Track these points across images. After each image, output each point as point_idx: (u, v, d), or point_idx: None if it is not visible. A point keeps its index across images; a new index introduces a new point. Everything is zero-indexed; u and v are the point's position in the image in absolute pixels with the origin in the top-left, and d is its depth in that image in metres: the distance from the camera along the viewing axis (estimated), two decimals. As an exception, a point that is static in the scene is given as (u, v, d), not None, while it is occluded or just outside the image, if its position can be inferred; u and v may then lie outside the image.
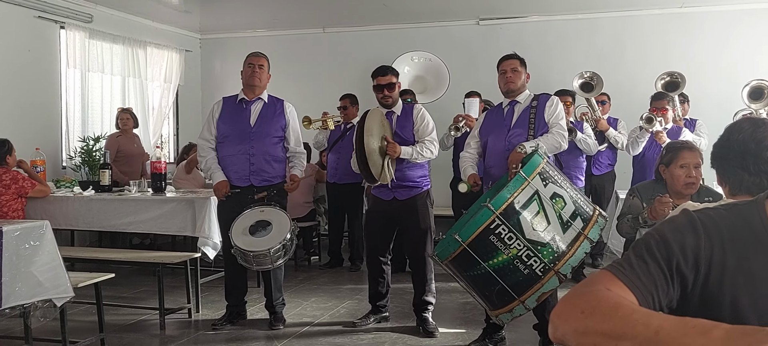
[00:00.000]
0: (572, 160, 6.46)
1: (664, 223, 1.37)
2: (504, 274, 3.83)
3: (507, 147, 4.52)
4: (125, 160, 7.80)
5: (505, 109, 4.72)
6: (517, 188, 3.80)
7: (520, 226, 3.77)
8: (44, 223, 4.18)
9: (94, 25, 8.40)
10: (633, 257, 1.31)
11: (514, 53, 4.80)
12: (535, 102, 4.62)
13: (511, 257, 3.79)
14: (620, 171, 7.50)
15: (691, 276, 1.29)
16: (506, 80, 4.67)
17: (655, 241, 1.31)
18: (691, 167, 3.82)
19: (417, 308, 5.23)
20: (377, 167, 4.78)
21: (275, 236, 4.91)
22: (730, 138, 2.03)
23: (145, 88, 9.33)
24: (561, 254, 3.81)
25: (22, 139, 6.34)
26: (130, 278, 6.95)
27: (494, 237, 3.78)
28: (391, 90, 5.10)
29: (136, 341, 5.03)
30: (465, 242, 3.80)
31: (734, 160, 2.02)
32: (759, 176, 1.99)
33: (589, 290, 1.22)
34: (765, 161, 1.98)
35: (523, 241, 3.78)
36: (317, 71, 9.93)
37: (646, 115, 6.55)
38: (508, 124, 4.64)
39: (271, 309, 5.36)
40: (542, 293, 3.84)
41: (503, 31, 9.17)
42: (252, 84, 5.22)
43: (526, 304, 3.87)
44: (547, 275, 3.80)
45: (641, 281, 1.26)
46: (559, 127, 4.52)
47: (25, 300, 3.99)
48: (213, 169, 5.20)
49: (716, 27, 8.56)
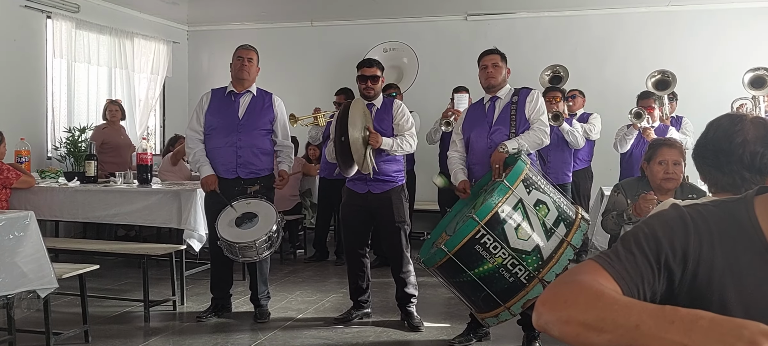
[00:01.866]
0: (559, 155, 6.48)
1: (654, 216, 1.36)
2: (489, 282, 3.88)
3: (489, 146, 4.52)
4: (112, 151, 7.78)
5: (487, 105, 4.72)
6: (501, 197, 3.85)
7: (504, 235, 3.83)
8: (29, 213, 4.16)
9: (80, 16, 8.35)
10: (621, 248, 1.30)
11: (494, 48, 4.80)
12: (516, 97, 4.62)
13: (497, 265, 3.83)
14: (605, 168, 7.53)
15: (678, 271, 1.28)
16: (487, 76, 4.68)
17: (644, 234, 1.31)
18: (670, 164, 3.83)
19: (400, 302, 5.23)
20: (360, 157, 4.79)
21: (261, 228, 4.91)
22: (707, 135, 1.99)
23: (132, 79, 9.28)
24: (545, 262, 3.87)
25: (7, 129, 6.29)
26: (114, 270, 6.92)
27: (479, 247, 3.82)
28: (374, 82, 5.11)
29: (121, 333, 5.01)
30: (451, 252, 3.86)
31: (709, 159, 1.98)
32: (732, 176, 1.94)
33: (574, 279, 1.22)
34: (737, 160, 1.92)
35: (507, 250, 3.83)
36: (305, 65, 9.91)
37: (635, 110, 6.58)
38: (489, 120, 4.64)
39: (256, 302, 5.35)
40: (527, 300, 3.89)
41: (491, 27, 9.19)
42: (241, 77, 5.20)
43: (511, 310, 3.93)
44: (532, 283, 3.86)
45: (628, 272, 1.25)
46: (540, 123, 4.53)
47: (8, 291, 3.96)
48: (201, 163, 5.18)
49: (705, 26, 8.61)
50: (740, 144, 1.92)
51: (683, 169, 3.91)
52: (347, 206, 5.24)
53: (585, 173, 7.29)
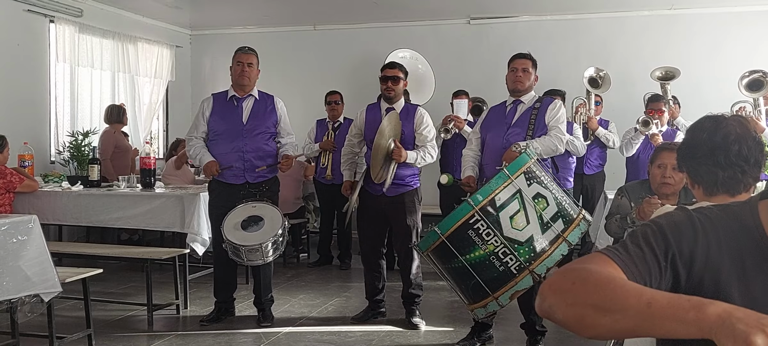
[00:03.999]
0: (561, 161, 6.48)
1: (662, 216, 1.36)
2: (480, 269, 3.87)
3: (504, 145, 4.54)
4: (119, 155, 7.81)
5: (508, 108, 4.74)
6: (499, 184, 3.84)
7: (498, 223, 3.82)
8: (32, 217, 4.17)
9: (84, 20, 8.36)
10: (630, 243, 1.30)
11: (528, 53, 4.80)
12: (538, 104, 4.64)
13: (488, 252, 3.83)
14: (610, 171, 7.53)
15: (684, 273, 1.28)
16: (515, 79, 4.67)
17: (653, 231, 1.31)
18: (668, 168, 3.81)
19: (404, 301, 5.32)
20: (377, 165, 4.84)
21: (267, 231, 4.92)
22: (693, 137, 2.05)
23: (135, 83, 9.30)
24: (537, 254, 3.86)
25: (10, 133, 6.30)
26: (118, 274, 6.93)
27: (472, 232, 3.82)
28: (394, 83, 5.15)
29: (124, 337, 5.01)
30: (444, 235, 3.86)
31: (704, 158, 2.03)
32: (732, 168, 2.01)
33: (583, 266, 1.22)
34: (735, 154, 2.00)
35: (500, 238, 3.82)
36: (308, 69, 9.91)
37: (643, 118, 6.56)
38: (508, 122, 4.66)
39: (259, 306, 5.36)
40: (516, 291, 3.88)
41: (494, 31, 9.18)
42: (241, 83, 5.20)
43: (499, 301, 3.91)
44: (522, 274, 3.85)
45: (636, 266, 1.25)
46: (557, 131, 4.54)
47: (12, 295, 3.97)
48: (201, 153, 5.18)
49: (707, 29, 8.60)
50: (734, 140, 2.04)
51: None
52: (363, 209, 5.31)
53: (598, 177, 7.31)
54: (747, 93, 6.70)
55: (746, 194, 2.09)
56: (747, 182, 2.09)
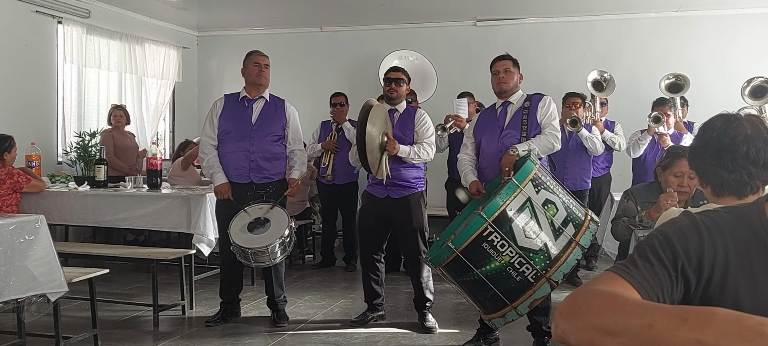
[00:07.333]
0: (577, 162, 6.48)
1: (667, 224, 1.35)
2: (496, 281, 3.85)
3: (500, 149, 4.52)
4: (122, 153, 7.86)
5: (498, 110, 4.73)
6: (509, 195, 3.83)
7: (512, 233, 3.80)
8: (39, 217, 4.18)
9: (91, 21, 8.39)
10: (638, 258, 1.28)
11: (506, 54, 4.81)
12: (528, 103, 4.63)
13: (504, 264, 3.81)
14: (616, 173, 7.51)
15: (694, 278, 1.27)
16: (498, 81, 4.68)
17: (659, 242, 1.29)
18: (686, 177, 3.80)
19: (416, 305, 5.30)
20: (375, 160, 4.81)
21: (274, 233, 4.92)
22: (704, 136, 2.02)
23: (142, 84, 9.32)
24: (553, 261, 3.84)
25: (17, 134, 6.33)
26: (124, 274, 6.94)
27: (487, 245, 3.80)
28: (398, 85, 5.18)
29: (130, 338, 5.02)
30: (458, 250, 3.83)
31: (711, 159, 2.00)
32: (738, 171, 1.97)
33: (590, 289, 1.21)
34: (743, 156, 1.96)
35: (515, 248, 3.80)
36: (315, 70, 9.91)
37: (654, 114, 6.55)
38: (500, 125, 4.65)
39: (273, 306, 5.37)
40: (534, 300, 3.87)
41: (500, 33, 9.18)
42: (259, 83, 5.24)
43: (518, 310, 3.90)
44: (539, 282, 3.84)
45: (647, 281, 1.23)
46: (551, 128, 4.53)
47: (19, 294, 3.98)
48: (214, 170, 5.20)
49: (714, 31, 8.58)
50: (743, 141, 1.98)
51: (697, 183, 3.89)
52: (365, 210, 5.30)
53: (605, 179, 7.29)
54: (751, 101, 6.68)
55: (754, 197, 2.07)
56: (755, 184, 2.05)
